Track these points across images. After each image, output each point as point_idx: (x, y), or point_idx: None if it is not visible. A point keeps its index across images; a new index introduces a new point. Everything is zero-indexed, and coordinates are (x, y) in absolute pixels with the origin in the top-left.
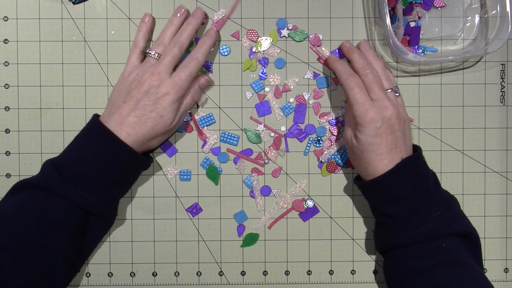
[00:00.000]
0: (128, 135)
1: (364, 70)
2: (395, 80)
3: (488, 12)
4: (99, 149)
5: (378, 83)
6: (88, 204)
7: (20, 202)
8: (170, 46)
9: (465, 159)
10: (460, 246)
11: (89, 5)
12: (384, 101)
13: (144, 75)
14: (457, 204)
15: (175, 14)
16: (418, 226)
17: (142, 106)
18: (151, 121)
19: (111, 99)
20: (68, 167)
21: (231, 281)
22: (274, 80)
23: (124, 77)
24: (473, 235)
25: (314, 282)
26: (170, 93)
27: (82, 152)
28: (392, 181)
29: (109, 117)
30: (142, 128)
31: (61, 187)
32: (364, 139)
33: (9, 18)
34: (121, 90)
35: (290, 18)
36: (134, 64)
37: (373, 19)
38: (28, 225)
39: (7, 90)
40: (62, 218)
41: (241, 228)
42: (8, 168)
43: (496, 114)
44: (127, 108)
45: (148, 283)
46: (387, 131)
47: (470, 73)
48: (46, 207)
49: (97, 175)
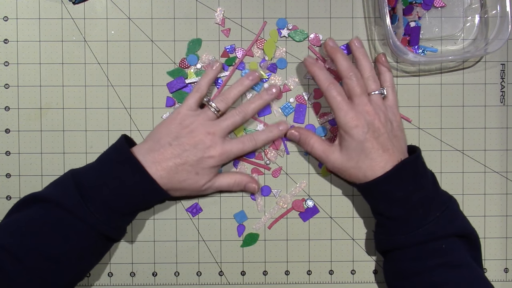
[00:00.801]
0: (161, 177)
1: (347, 73)
2: (391, 79)
3: (488, 12)
4: (132, 185)
5: (360, 87)
6: (106, 229)
7: (38, 216)
8: (235, 112)
9: (465, 159)
10: (460, 247)
11: (89, 5)
12: (365, 106)
13: (199, 128)
14: (456, 204)
15: (247, 77)
16: (418, 227)
17: (185, 157)
18: (186, 174)
19: (156, 134)
20: (92, 191)
21: (231, 281)
22: (275, 81)
23: (177, 118)
24: (473, 235)
25: (314, 282)
26: (215, 158)
27: (109, 179)
28: (390, 182)
29: (148, 153)
30: (175, 176)
31: (83, 212)
32: (354, 147)
33: (9, 18)
34: (171, 130)
35: (290, 18)
36: (191, 108)
37: (373, 19)
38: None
39: (7, 90)
40: (77, 238)
41: (241, 228)
42: (8, 168)
43: (496, 114)
44: (171, 152)
45: (148, 283)
46: (373, 135)
47: (470, 73)
48: (63, 226)
49: (121, 205)
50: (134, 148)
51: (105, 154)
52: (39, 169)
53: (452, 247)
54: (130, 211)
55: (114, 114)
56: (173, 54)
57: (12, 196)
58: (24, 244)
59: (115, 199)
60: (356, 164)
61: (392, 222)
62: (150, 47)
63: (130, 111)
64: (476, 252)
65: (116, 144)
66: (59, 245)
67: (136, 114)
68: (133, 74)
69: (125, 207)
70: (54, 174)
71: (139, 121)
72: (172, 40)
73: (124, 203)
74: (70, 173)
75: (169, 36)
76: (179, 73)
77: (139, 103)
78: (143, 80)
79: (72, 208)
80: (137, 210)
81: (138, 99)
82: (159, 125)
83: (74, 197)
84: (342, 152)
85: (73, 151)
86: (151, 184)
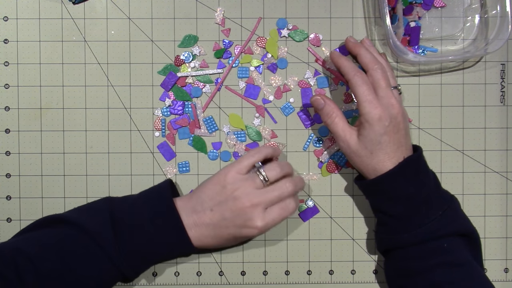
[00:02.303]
0: (195, 236)
1: (373, 65)
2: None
3: (488, 12)
4: (169, 243)
5: (385, 80)
6: (128, 272)
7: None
8: (285, 187)
9: (465, 159)
10: (462, 246)
11: (89, 5)
12: (391, 99)
13: (243, 197)
14: (458, 203)
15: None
16: (420, 226)
17: (224, 226)
18: (218, 240)
19: (203, 192)
20: (127, 232)
21: (231, 281)
22: (275, 81)
23: (224, 180)
24: (474, 235)
25: (314, 282)
26: (255, 230)
27: (147, 225)
28: (394, 180)
29: (191, 213)
30: (207, 239)
31: (112, 250)
32: (373, 138)
33: (9, 18)
34: (215, 192)
35: (290, 18)
36: (240, 171)
37: (373, 19)
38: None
39: (7, 90)
40: (98, 271)
41: None
42: (8, 168)
43: (496, 114)
44: (210, 218)
45: (148, 283)
46: (394, 129)
47: (470, 73)
48: (88, 254)
49: (153, 258)
50: (179, 202)
51: (147, 193)
52: (39, 169)
53: (453, 246)
54: (157, 262)
55: (114, 114)
56: (173, 54)
57: (12, 196)
58: (47, 260)
59: (149, 250)
60: (370, 155)
61: (394, 220)
62: (150, 47)
63: (130, 111)
64: (476, 251)
65: (160, 190)
66: (79, 270)
67: (136, 114)
68: (133, 74)
69: (156, 260)
70: (54, 174)
71: (139, 121)
72: (172, 40)
73: (158, 256)
74: (109, 202)
75: (169, 36)
76: (168, 69)
77: (139, 103)
78: (143, 80)
79: (100, 241)
80: (161, 261)
81: (138, 99)
82: (206, 182)
83: (106, 231)
84: (359, 138)
85: (73, 151)
86: (188, 248)
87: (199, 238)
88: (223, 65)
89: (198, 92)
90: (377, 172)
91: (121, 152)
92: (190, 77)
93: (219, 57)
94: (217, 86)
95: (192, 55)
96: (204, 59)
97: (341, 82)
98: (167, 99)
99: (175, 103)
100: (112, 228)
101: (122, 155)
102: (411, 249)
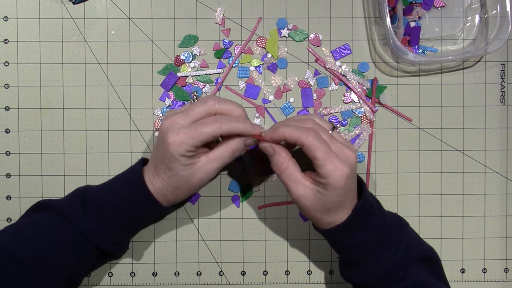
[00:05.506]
0: (154, 190)
1: (301, 135)
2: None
3: (488, 12)
4: (128, 196)
5: (325, 136)
6: (101, 243)
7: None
8: (208, 121)
9: (465, 159)
10: (422, 271)
11: (89, 5)
12: (343, 149)
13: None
14: (406, 225)
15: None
16: (374, 266)
17: (159, 153)
18: (163, 174)
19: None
20: (95, 206)
21: (231, 281)
22: (275, 81)
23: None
24: (433, 256)
25: (314, 282)
26: (172, 144)
27: (114, 197)
28: (346, 231)
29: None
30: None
31: (81, 223)
32: (334, 199)
33: (9, 18)
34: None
35: (290, 18)
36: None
37: (373, 19)
38: (41, 244)
39: (7, 90)
40: (73, 248)
41: (236, 199)
42: (8, 168)
43: (496, 114)
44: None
45: (148, 283)
46: (353, 179)
47: (470, 73)
48: (61, 234)
49: (119, 220)
50: (145, 167)
51: (119, 175)
52: (39, 169)
53: (411, 271)
54: (127, 225)
55: (114, 114)
56: (173, 54)
57: (12, 196)
58: (22, 247)
59: (114, 214)
60: (328, 211)
61: (351, 265)
62: (150, 47)
63: (130, 111)
64: (438, 270)
65: (132, 166)
66: (56, 252)
67: (136, 114)
68: (133, 74)
69: (122, 222)
70: (54, 174)
71: (139, 121)
72: (172, 40)
73: (122, 218)
74: (82, 188)
75: (169, 36)
76: (168, 69)
77: (139, 103)
78: (143, 80)
79: (72, 218)
80: (134, 225)
81: (138, 99)
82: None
83: (77, 208)
84: (317, 196)
85: (73, 151)
86: (145, 194)
87: (160, 193)
88: (223, 65)
89: (198, 92)
90: (332, 224)
91: (121, 152)
92: (190, 77)
93: (219, 57)
94: (217, 86)
95: (192, 55)
96: (204, 59)
97: (341, 82)
98: (167, 99)
99: (175, 103)
100: (82, 205)
101: (122, 155)
102: (368, 286)
